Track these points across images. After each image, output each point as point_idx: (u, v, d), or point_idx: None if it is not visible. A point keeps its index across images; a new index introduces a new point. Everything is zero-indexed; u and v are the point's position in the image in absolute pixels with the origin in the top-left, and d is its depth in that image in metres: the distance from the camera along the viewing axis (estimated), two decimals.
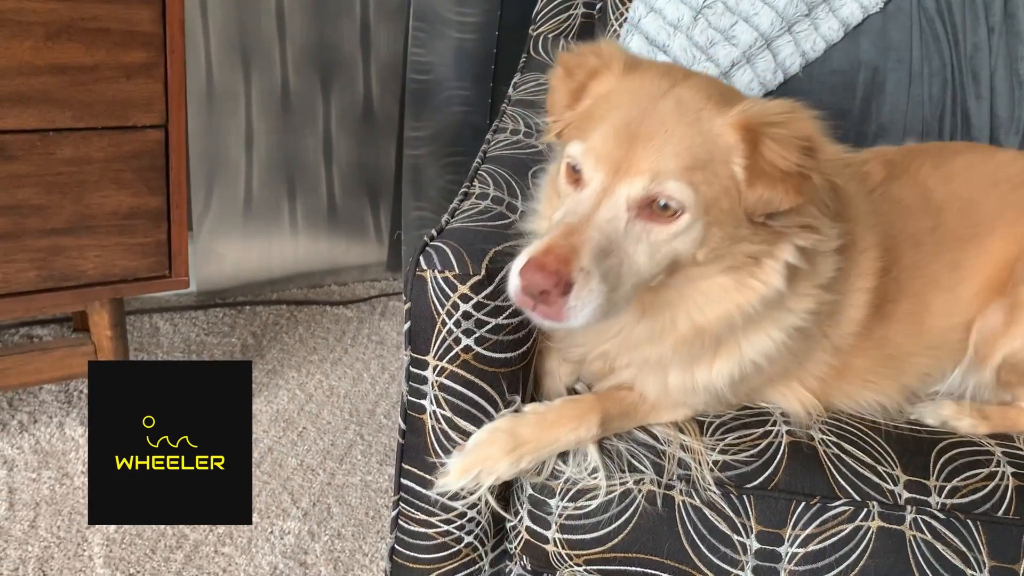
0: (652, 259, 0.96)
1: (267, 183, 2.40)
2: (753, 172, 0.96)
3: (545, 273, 0.90)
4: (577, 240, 0.92)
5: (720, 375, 1.11)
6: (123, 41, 1.37)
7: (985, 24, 1.71)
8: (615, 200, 0.95)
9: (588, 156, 0.98)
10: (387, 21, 2.40)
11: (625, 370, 1.16)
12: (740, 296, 1.03)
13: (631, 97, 1.01)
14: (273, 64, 2.31)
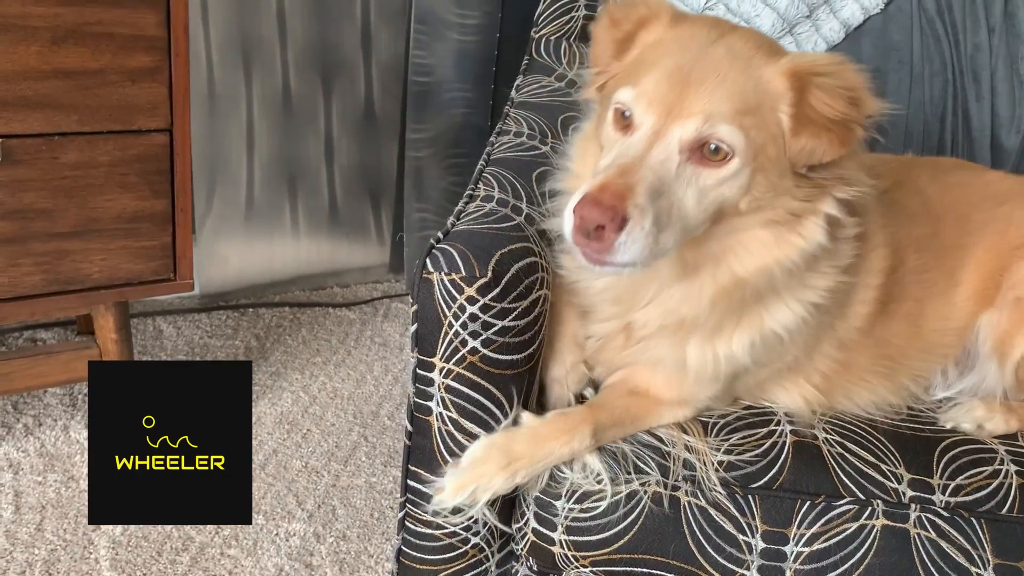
0: (700, 204, 0.97)
1: (269, 185, 2.41)
2: (799, 120, 0.97)
3: (602, 208, 0.90)
4: (632, 179, 0.93)
5: (741, 345, 1.11)
6: (128, 45, 1.37)
7: (985, 25, 1.72)
8: (668, 142, 0.96)
9: (640, 99, 0.99)
10: (388, 23, 2.40)
11: (643, 349, 1.16)
12: (779, 251, 1.04)
13: (682, 44, 1.02)
14: (274, 66, 2.31)
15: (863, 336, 1.26)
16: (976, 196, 1.38)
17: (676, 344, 1.13)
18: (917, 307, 1.31)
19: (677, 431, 1.16)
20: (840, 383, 1.27)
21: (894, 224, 1.27)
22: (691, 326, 1.10)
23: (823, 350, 1.24)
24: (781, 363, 1.22)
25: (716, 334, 1.11)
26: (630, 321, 1.15)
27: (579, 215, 0.92)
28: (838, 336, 1.24)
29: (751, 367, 1.17)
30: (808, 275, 1.11)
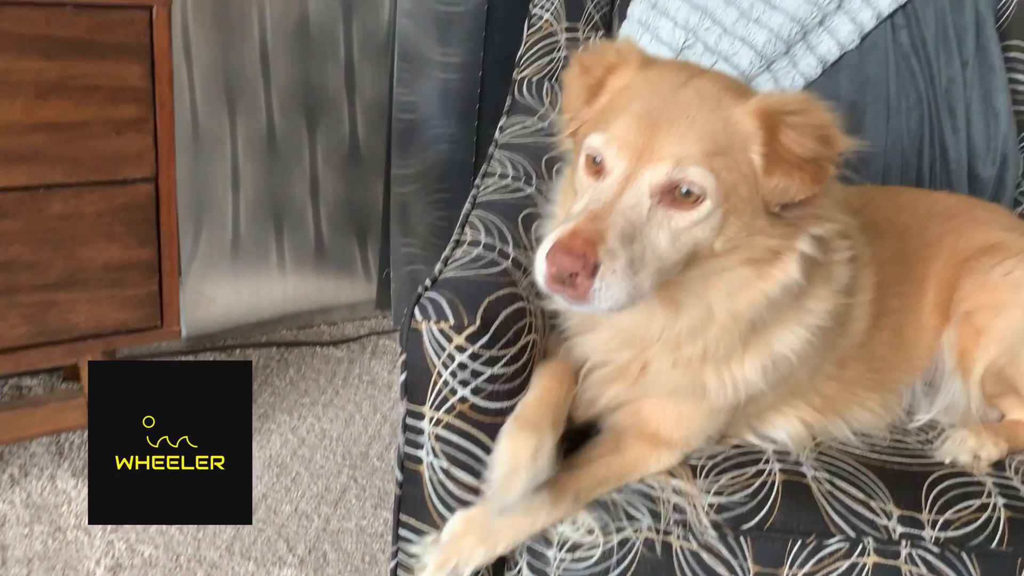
0: (673, 246, 0.98)
1: (255, 224, 2.41)
2: (771, 159, 0.98)
3: (573, 256, 0.91)
4: (602, 224, 0.93)
5: (754, 370, 1.12)
6: (113, 97, 1.38)
7: (959, 58, 1.75)
8: (638, 186, 0.97)
9: (610, 144, 0.99)
10: (371, 62, 2.42)
11: (657, 380, 1.15)
12: (763, 283, 1.05)
13: (650, 88, 1.03)
14: (258, 106, 2.32)
15: (857, 351, 1.28)
16: (927, 213, 1.42)
17: (693, 373, 1.13)
18: (898, 319, 1.34)
19: (665, 476, 1.16)
20: (837, 401, 1.29)
21: (872, 242, 1.30)
22: (701, 358, 1.11)
23: (825, 370, 1.26)
24: (786, 387, 1.23)
25: (727, 361, 1.12)
26: (639, 363, 1.15)
27: (551, 263, 0.92)
28: (837, 354, 1.27)
29: (762, 391, 1.17)
30: (806, 300, 1.12)
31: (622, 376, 1.17)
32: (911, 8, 1.76)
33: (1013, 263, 1.31)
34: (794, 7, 1.72)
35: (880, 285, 1.28)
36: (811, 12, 1.72)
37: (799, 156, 0.98)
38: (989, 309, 1.29)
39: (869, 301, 1.27)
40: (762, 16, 1.74)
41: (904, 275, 1.34)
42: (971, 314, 1.31)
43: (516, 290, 1.17)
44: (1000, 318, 1.28)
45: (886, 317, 1.31)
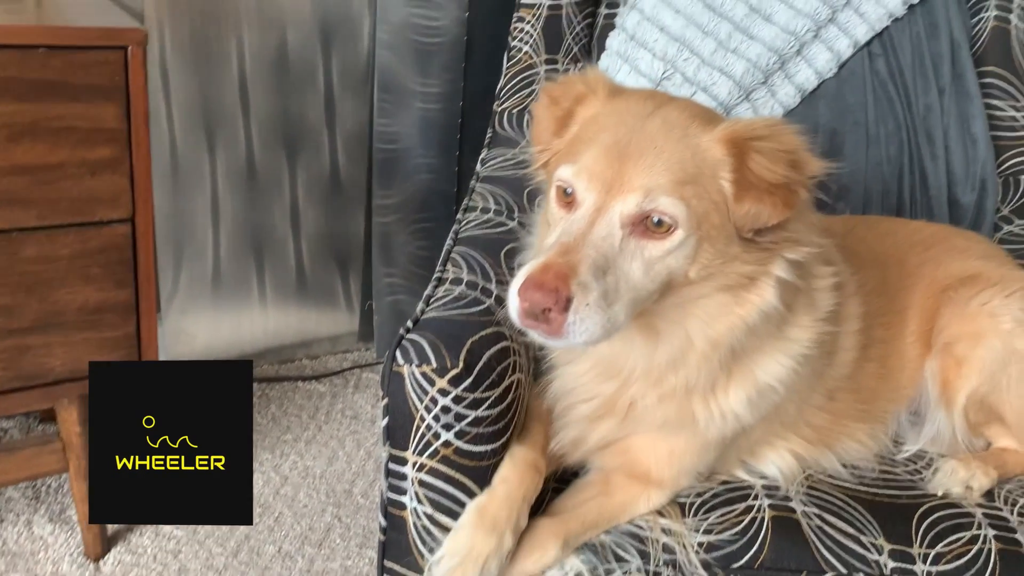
0: (647, 276, 0.97)
1: (235, 257, 2.39)
2: (741, 186, 0.98)
3: (545, 291, 0.90)
4: (574, 258, 0.93)
5: (739, 400, 1.11)
6: (88, 138, 1.36)
7: (935, 85, 1.77)
8: (609, 218, 0.96)
9: (580, 176, 0.99)
10: (351, 92, 2.41)
11: (644, 416, 1.14)
12: (741, 309, 1.04)
13: (618, 119, 1.02)
14: (238, 138, 2.30)
15: (846, 382, 1.28)
16: (906, 243, 1.43)
17: (680, 406, 1.12)
18: (884, 349, 1.34)
19: (653, 516, 1.15)
20: (827, 433, 1.28)
21: (856, 272, 1.30)
22: (687, 390, 1.10)
23: (814, 400, 1.26)
24: (776, 419, 1.22)
25: (713, 392, 1.12)
26: (627, 399, 1.14)
27: (523, 299, 0.92)
28: (826, 385, 1.26)
29: (751, 424, 1.17)
30: (789, 329, 1.12)
31: (610, 412, 1.16)
32: (887, 36, 1.78)
33: (991, 293, 1.32)
34: (771, 37, 1.73)
35: (866, 315, 1.28)
36: (789, 42, 1.73)
37: (769, 181, 0.97)
38: (968, 339, 1.30)
39: (856, 331, 1.27)
40: (740, 46, 1.75)
41: (887, 305, 1.34)
42: (951, 345, 1.31)
43: (500, 329, 1.15)
44: (980, 348, 1.29)
45: (873, 347, 1.31)
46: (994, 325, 1.29)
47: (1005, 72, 1.82)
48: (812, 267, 1.14)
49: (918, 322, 1.36)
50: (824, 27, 1.75)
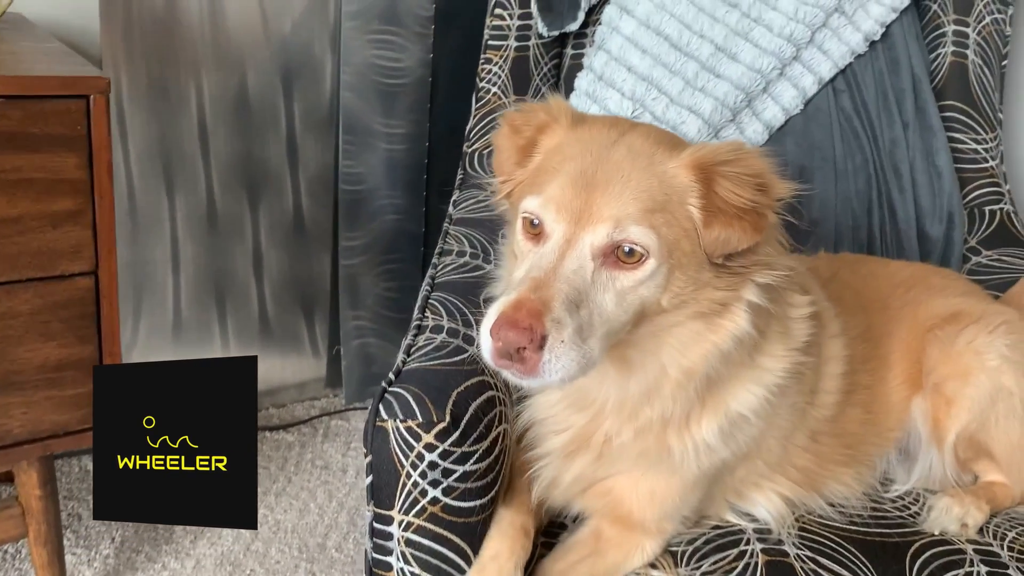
0: (620, 306, 0.95)
1: (196, 304, 2.33)
2: (710, 211, 0.97)
3: (518, 330, 0.88)
4: (546, 293, 0.90)
5: (711, 431, 1.09)
6: (48, 190, 1.31)
7: (900, 120, 1.79)
8: (580, 250, 0.94)
9: (547, 208, 0.97)
10: (314, 134, 2.38)
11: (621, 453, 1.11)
12: (714, 336, 1.03)
13: (583, 147, 1.01)
14: (198, 183, 2.26)
15: (830, 425, 1.27)
16: (887, 285, 1.44)
17: (656, 439, 1.10)
18: (869, 395, 1.33)
19: (646, 569, 1.12)
20: (814, 476, 1.27)
21: (841, 315, 1.30)
22: (661, 423, 1.08)
23: (797, 440, 1.24)
24: (758, 456, 1.21)
25: (687, 423, 1.09)
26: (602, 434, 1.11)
27: (496, 338, 0.89)
28: (809, 426, 1.25)
29: (729, 460, 1.15)
30: (761, 358, 1.10)
31: (584, 447, 1.13)
32: (850, 72, 1.81)
33: (975, 330, 1.33)
34: (738, 75, 1.75)
35: (851, 359, 1.28)
36: (755, 80, 1.75)
37: (737, 206, 0.96)
38: (956, 379, 1.30)
39: (840, 374, 1.27)
40: (707, 85, 1.76)
41: (872, 351, 1.34)
42: (940, 385, 1.32)
43: (484, 378, 1.13)
44: (968, 387, 1.29)
45: (857, 393, 1.31)
46: (980, 363, 1.29)
47: (964, 106, 1.86)
48: (787, 296, 1.13)
49: (903, 365, 1.36)
50: (789, 65, 1.77)
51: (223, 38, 2.16)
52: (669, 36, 1.76)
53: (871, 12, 1.79)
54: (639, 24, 1.77)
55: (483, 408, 1.08)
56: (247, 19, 2.17)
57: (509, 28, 1.83)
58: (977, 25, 1.85)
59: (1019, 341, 1.33)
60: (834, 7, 1.76)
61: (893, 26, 1.81)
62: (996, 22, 1.86)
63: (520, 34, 1.83)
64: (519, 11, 1.83)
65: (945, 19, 1.87)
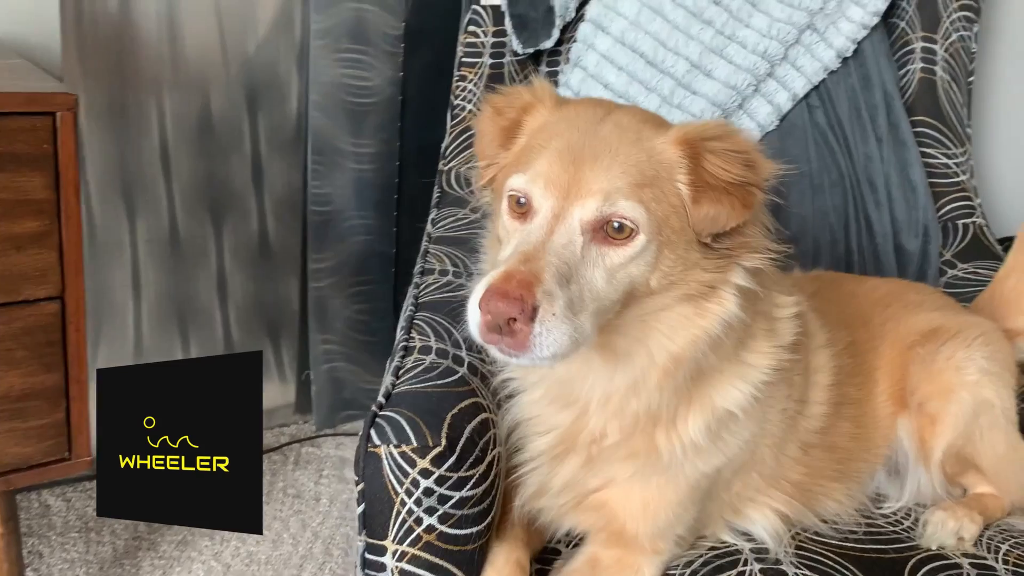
0: (610, 284, 0.93)
1: (158, 330, 2.25)
2: (698, 187, 0.96)
3: (508, 300, 0.85)
4: (536, 265, 0.88)
5: (697, 428, 1.07)
6: (11, 211, 1.25)
7: (873, 135, 1.81)
8: (569, 224, 0.93)
9: (535, 183, 0.95)
10: (280, 154, 2.34)
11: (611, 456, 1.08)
12: (702, 320, 1.00)
13: (569, 125, 0.99)
14: (159, 206, 2.19)
15: (821, 438, 1.26)
16: (867, 302, 1.44)
17: (644, 437, 1.07)
18: (858, 409, 1.33)
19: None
20: (808, 491, 1.25)
21: (826, 328, 1.30)
22: (648, 418, 1.05)
23: (789, 451, 1.23)
24: (753, 468, 1.19)
25: (673, 422, 1.07)
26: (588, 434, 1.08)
27: (486, 310, 0.86)
28: (800, 437, 1.23)
29: (724, 469, 1.12)
30: (747, 355, 1.09)
31: (571, 450, 1.10)
32: (823, 89, 1.82)
33: (953, 346, 1.33)
34: (714, 92, 1.75)
35: (838, 371, 1.27)
36: (731, 96, 1.75)
37: (726, 182, 0.95)
38: (939, 397, 1.30)
39: (828, 385, 1.26)
40: (684, 102, 1.76)
41: (858, 366, 1.34)
42: (923, 404, 1.32)
43: (478, 399, 1.09)
44: (951, 403, 1.30)
45: (845, 407, 1.30)
46: (961, 379, 1.30)
47: (935, 121, 1.88)
48: (773, 296, 1.12)
49: (888, 381, 1.36)
50: (764, 81, 1.78)
51: (183, 57, 2.11)
52: (645, 53, 1.75)
53: (842, 29, 1.80)
54: (615, 41, 1.76)
55: (478, 431, 1.04)
56: (206, 38, 2.12)
57: (483, 45, 1.81)
58: (944, 42, 1.88)
59: (996, 352, 1.35)
60: (806, 24, 1.77)
61: (863, 43, 1.82)
62: (963, 39, 1.89)
63: (495, 51, 1.82)
64: (493, 28, 1.82)
65: (913, 35, 1.89)
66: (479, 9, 1.81)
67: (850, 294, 1.46)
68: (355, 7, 2.18)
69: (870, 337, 1.39)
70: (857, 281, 1.56)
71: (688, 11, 1.76)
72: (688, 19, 1.76)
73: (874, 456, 1.36)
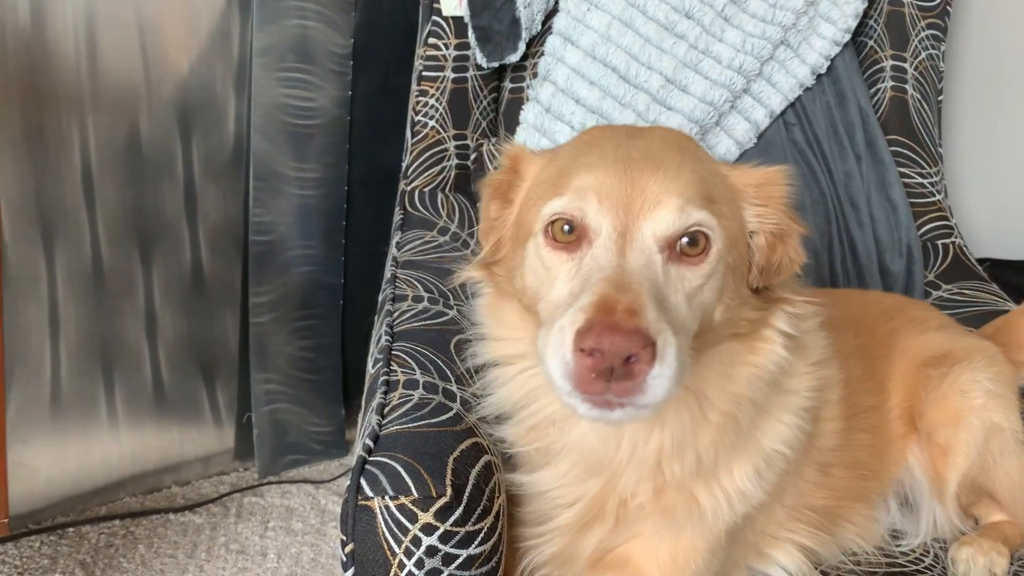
0: (691, 312, 0.80)
1: (79, 373, 2.03)
2: (778, 229, 0.89)
3: (626, 334, 0.68)
4: (631, 292, 0.72)
5: (745, 476, 0.95)
6: None
7: (852, 153, 1.75)
8: (642, 242, 0.78)
9: (584, 198, 0.81)
10: (215, 181, 2.17)
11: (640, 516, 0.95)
12: (756, 357, 0.91)
13: (598, 142, 0.88)
14: (81, 238, 2.00)
15: (839, 455, 1.16)
16: (871, 312, 1.38)
17: (683, 494, 0.95)
18: (874, 418, 1.24)
19: None
20: (830, 516, 1.16)
21: (831, 336, 1.19)
22: (694, 473, 0.93)
23: (808, 476, 1.12)
24: (776, 501, 1.08)
25: (716, 471, 0.95)
26: (616, 497, 0.95)
27: (593, 348, 0.69)
28: (815, 458, 1.13)
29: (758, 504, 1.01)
30: (785, 380, 0.98)
31: (599, 518, 0.97)
32: (799, 106, 1.76)
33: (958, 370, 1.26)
34: (690, 108, 1.67)
35: (848, 381, 1.18)
36: (708, 112, 1.67)
37: (796, 228, 0.91)
38: (947, 424, 1.23)
39: (838, 400, 1.16)
40: (659, 118, 1.67)
41: (869, 371, 1.26)
42: (932, 433, 1.25)
43: (478, 439, 0.95)
44: (960, 431, 1.22)
45: (861, 416, 1.21)
46: (968, 403, 1.23)
47: (907, 140, 1.84)
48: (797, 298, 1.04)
49: (900, 395, 1.29)
50: (740, 98, 1.71)
51: (106, 76, 1.94)
52: (617, 67, 1.66)
53: (814, 45, 1.75)
54: (585, 55, 1.67)
55: (483, 476, 0.90)
56: (132, 55, 1.96)
57: (445, 59, 1.69)
58: (914, 60, 1.85)
59: (999, 374, 1.29)
60: (780, 39, 1.71)
61: (836, 60, 1.78)
62: (931, 57, 1.86)
63: (457, 64, 1.70)
64: (455, 40, 1.70)
65: (882, 54, 1.86)
66: (439, 21, 1.70)
67: (850, 302, 1.40)
68: (299, 24, 2.06)
69: (878, 344, 1.31)
70: (856, 293, 1.51)
71: (660, 25, 1.68)
72: (660, 33, 1.68)
73: (890, 472, 1.28)
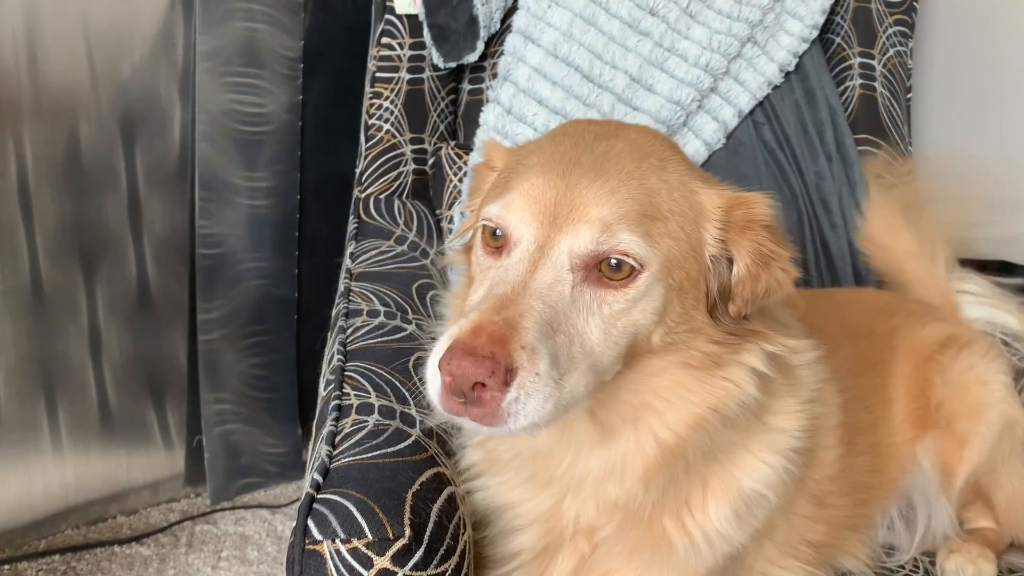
0: (608, 336, 0.74)
1: (17, 396, 1.93)
2: (759, 257, 0.82)
3: (477, 359, 0.66)
4: (513, 313, 0.69)
5: (722, 517, 0.88)
6: None
7: (823, 153, 1.70)
8: (555, 258, 0.74)
9: (511, 206, 0.76)
10: (160, 191, 2.07)
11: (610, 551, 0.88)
12: (710, 397, 0.82)
13: (559, 139, 0.82)
14: (19, 253, 1.90)
15: (837, 484, 1.08)
16: (866, 312, 1.31)
17: (650, 529, 0.88)
18: (873, 437, 1.17)
19: None
20: (826, 549, 1.09)
21: (828, 353, 1.13)
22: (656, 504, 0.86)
23: (801, 509, 1.04)
24: (766, 539, 1.01)
25: (687, 507, 0.88)
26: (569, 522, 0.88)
27: (447, 372, 0.67)
28: (810, 490, 1.05)
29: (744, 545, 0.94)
30: (771, 417, 0.91)
31: (558, 543, 0.90)
32: (768, 105, 1.71)
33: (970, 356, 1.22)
34: (656, 108, 1.60)
35: (848, 403, 1.10)
36: (675, 112, 1.61)
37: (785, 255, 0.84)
38: (969, 416, 1.18)
39: (837, 425, 1.08)
40: (625, 119, 1.60)
41: (868, 384, 1.19)
42: (952, 422, 1.18)
43: (440, 469, 0.87)
44: (981, 424, 1.17)
45: (860, 438, 1.14)
46: (990, 395, 1.18)
47: (877, 139, 1.79)
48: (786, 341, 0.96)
49: (905, 401, 1.22)
50: (708, 97, 1.65)
51: (45, 81, 1.85)
52: (580, 67, 1.59)
53: (782, 43, 1.69)
54: (546, 54, 1.59)
55: (446, 512, 0.82)
56: (72, 59, 1.87)
57: (400, 59, 1.61)
58: (882, 57, 1.80)
59: (1006, 366, 1.25)
60: (747, 36, 1.65)
61: (804, 58, 1.72)
62: (899, 55, 1.82)
63: (413, 65, 1.62)
64: (410, 40, 1.62)
65: (850, 51, 1.81)
66: (393, 19, 1.61)
67: (845, 302, 1.34)
68: (246, 26, 1.97)
69: (878, 349, 1.25)
70: (850, 292, 1.46)
71: (623, 22, 1.61)
72: (624, 30, 1.61)
73: (892, 490, 1.22)
